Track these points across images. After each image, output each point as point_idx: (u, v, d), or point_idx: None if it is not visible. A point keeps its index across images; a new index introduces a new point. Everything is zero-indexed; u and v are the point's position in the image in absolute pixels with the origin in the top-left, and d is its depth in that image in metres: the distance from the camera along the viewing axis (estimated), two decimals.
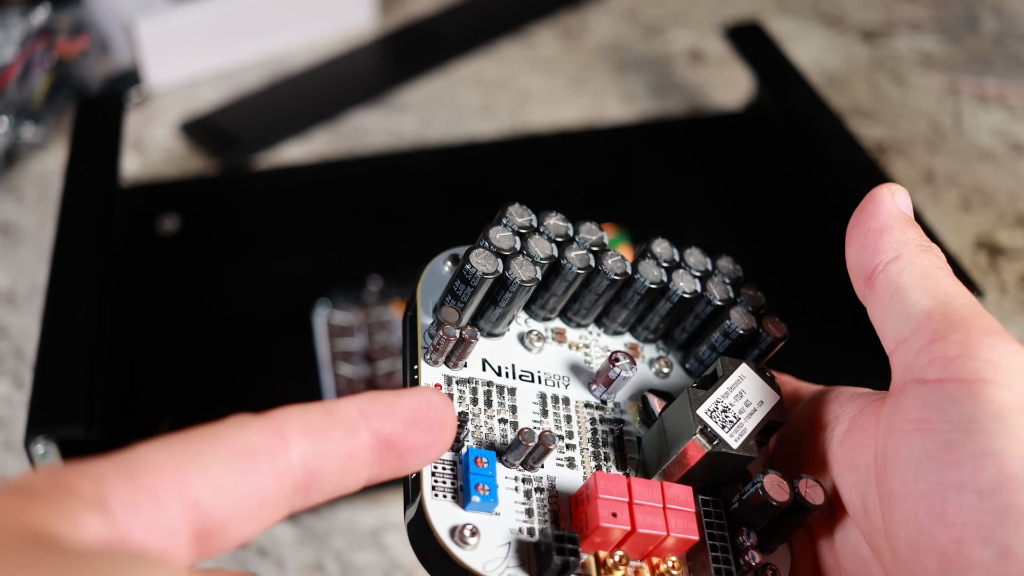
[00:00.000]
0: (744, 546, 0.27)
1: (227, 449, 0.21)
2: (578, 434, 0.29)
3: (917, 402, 0.24)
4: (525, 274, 0.28)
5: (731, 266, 0.32)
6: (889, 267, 0.27)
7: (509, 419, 0.29)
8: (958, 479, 0.23)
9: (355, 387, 0.50)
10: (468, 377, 0.29)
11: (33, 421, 0.42)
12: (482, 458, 0.26)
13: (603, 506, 0.26)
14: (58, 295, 0.48)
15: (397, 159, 0.67)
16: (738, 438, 0.27)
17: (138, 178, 0.67)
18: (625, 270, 0.30)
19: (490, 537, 0.26)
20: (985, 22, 0.81)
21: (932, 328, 0.25)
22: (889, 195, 0.28)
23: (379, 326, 0.51)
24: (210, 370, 0.54)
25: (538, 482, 0.27)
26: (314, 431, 0.22)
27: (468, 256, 0.28)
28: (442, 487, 0.26)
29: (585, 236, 0.30)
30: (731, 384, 0.28)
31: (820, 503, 0.27)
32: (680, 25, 0.81)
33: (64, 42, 0.71)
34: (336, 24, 0.79)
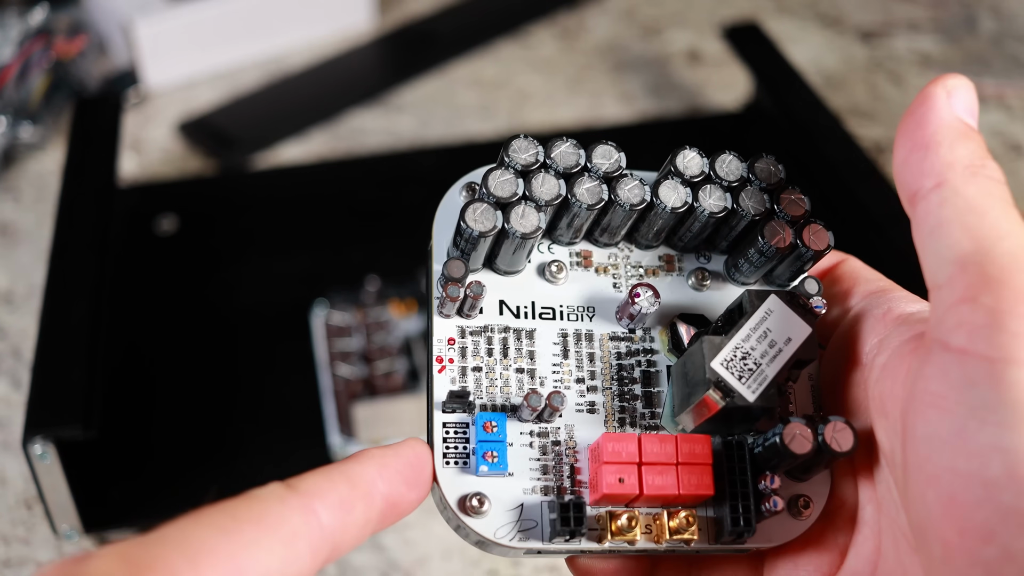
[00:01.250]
0: (766, 491, 0.26)
1: (272, 535, 0.21)
2: (601, 373, 0.28)
3: (938, 371, 0.23)
4: (526, 226, 0.26)
5: (772, 167, 0.29)
6: (930, 196, 0.24)
7: (527, 367, 0.27)
8: (967, 469, 0.22)
9: (353, 387, 0.50)
10: (483, 325, 0.28)
11: (31, 421, 0.42)
12: (491, 423, 0.26)
13: (609, 472, 0.26)
14: (56, 295, 0.48)
15: (395, 159, 0.67)
16: (756, 388, 0.26)
17: (136, 178, 0.67)
18: (643, 197, 0.27)
19: (500, 503, 0.26)
20: (983, 22, 0.81)
21: (965, 283, 0.22)
22: (944, 96, 0.24)
23: (377, 326, 0.51)
24: (208, 370, 0.54)
25: (555, 434, 0.27)
26: (341, 506, 0.23)
27: (463, 213, 0.26)
28: (454, 453, 0.26)
29: (599, 162, 0.27)
30: (755, 324, 0.26)
31: (847, 450, 0.25)
32: (678, 25, 0.81)
33: (62, 42, 0.71)
34: (334, 24, 0.79)
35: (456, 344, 0.27)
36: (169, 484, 0.49)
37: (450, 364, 0.27)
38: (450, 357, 0.27)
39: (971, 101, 0.25)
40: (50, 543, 0.48)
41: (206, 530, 0.21)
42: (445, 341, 0.27)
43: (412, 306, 0.54)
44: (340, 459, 0.49)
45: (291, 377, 0.53)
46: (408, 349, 0.51)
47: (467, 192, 0.29)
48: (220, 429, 0.51)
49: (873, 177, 0.55)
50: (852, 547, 0.27)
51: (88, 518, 0.45)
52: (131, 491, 0.48)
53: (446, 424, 0.26)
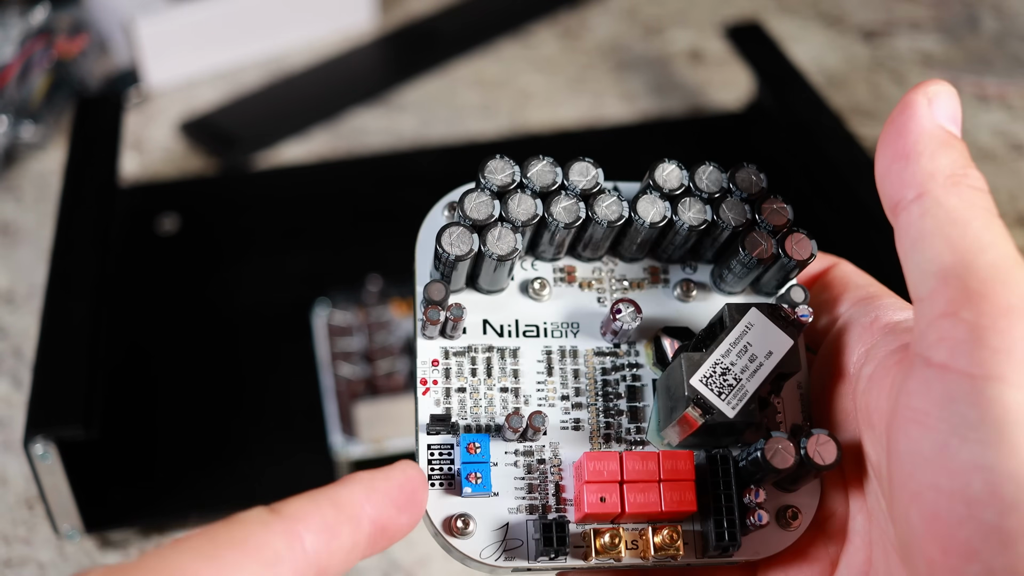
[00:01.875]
0: (751, 505, 0.26)
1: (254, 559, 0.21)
2: (586, 389, 0.28)
3: (920, 387, 0.23)
4: (502, 248, 0.26)
5: (753, 177, 0.28)
6: (911, 207, 0.23)
7: (511, 386, 0.28)
8: (950, 487, 0.22)
9: (354, 387, 0.50)
10: (467, 346, 0.28)
11: (32, 421, 0.42)
12: (475, 444, 0.26)
13: (590, 491, 0.26)
14: (57, 295, 0.48)
15: (396, 159, 0.67)
16: (736, 404, 0.26)
17: (137, 178, 0.67)
18: (621, 214, 0.27)
19: (485, 523, 0.26)
20: (985, 22, 0.81)
21: (946, 296, 0.22)
22: (925, 103, 0.24)
23: (379, 326, 0.51)
24: (209, 370, 0.54)
25: (540, 452, 0.27)
26: (327, 530, 0.22)
27: (439, 237, 0.26)
28: (439, 474, 0.26)
29: (576, 180, 0.27)
30: (735, 338, 0.26)
31: (830, 463, 0.25)
32: (680, 25, 0.81)
33: (63, 42, 0.71)
34: (335, 24, 0.79)
35: (440, 365, 0.28)
36: (170, 484, 0.49)
37: (434, 386, 0.28)
38: (434, 379, 0.28)
39: (953, 107, 0.24)
40: (51, 543, 0.48)
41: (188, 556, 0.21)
42: (429, 363, 0.28)
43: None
44: (341, 459, 0.49)
45: (293, 377, 0.53)
46: (410, 349, 0.51)
47: (449, 212, 0.29)
48: (221, 429, 0.51)
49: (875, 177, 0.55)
50: (843, 558, 0.27)
51: (89, 518, 0.45)
52: (132, 491, 0.48)
53: (430, 446, 0.27)
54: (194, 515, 0.48)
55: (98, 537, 0.48)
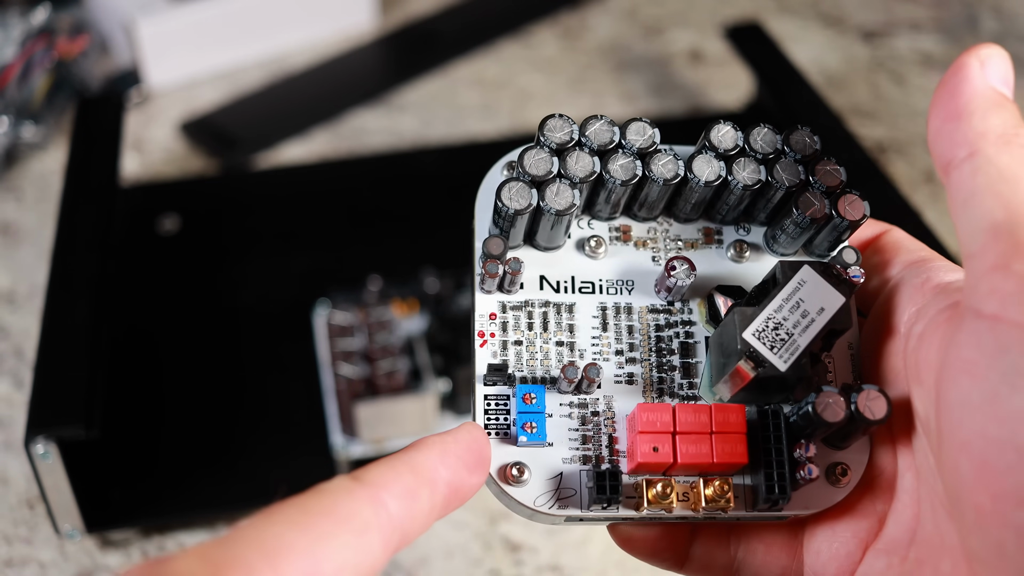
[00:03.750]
0: (802, 459, 0.26)
1: (345, 527, 0.22)
2: (640, 345, 0.28)
3: (971, 338, 0.23)
4: (561, 203, 0.27)
5: (807, 139, 0.29)
6: (963, 165, 0.24)
7: (566, 340, 0.28)
8: (999, 435, 0.22)
9: (355, 387, 0.50)
10: (524, 300, 0.28)
11: (33, 421, 0.42)
12: (530, 394, 0.27)
13: (644, 441, 0.26)
14: (58, 295, 0.48)
15: (397, 159, 0.67)
16: (788, 358, 0.26)
17: (138, 178, 0.67)
18: (677, 172, 0.28)
19: (540, 472, 0.27)
20: (985, 22, 0.81)
21: (997, 250, 0.22)
22: (977, 66, 0.24)
23: (379, 326, 0.51)
24: (211, 370, 0.54)
25: (594, 405, 0.27)
26: (408, 495, 0.23)
27: (499, 192, 0.27)
28: (495, 424, 0.27)
29: (633, 139, 0.28)
30: (787, 294, 0.27)
31: (880, 418, 0.25)
32: (680, 25, 0.81)
33: (64, 42, 0.71)
34: (336, 24, 0.79)
35: (497, 319, 0.28)
36: (171, 483, 0.49)
37: (491, 338, 0.28)
38: (491, 332, 0.28)
39: (1005, 70, 0.24)
40: (52, 543, 0.48)
41: (281, 527, 0.21)
42: (487, 316, 0.28)
43: (414, 306, 0.54)
44: (341, 458, 0.49)
45: (293, 377, 0.53)
46: (410, 349, 0.51)
47: (508, 171, 0.29)
48: (222, 428, 0.51)
49: (874, 177, 0.55)
50: (891, 514, 0.27)
51: (90, 518, 0.45)
52: (133, 491, 0.48)
53: (487, 396, 0.27)
54: (195, 515, 0.48)
55: (99, 537, 0.48)
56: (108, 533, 0.47)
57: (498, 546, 0.48)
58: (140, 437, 0.51)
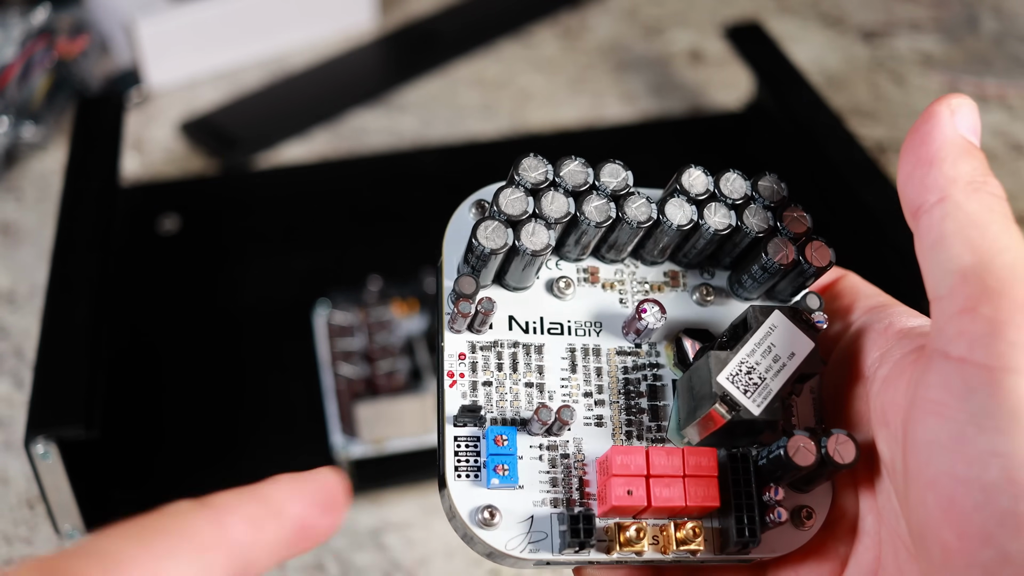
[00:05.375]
0: (771, 502, 0.27)
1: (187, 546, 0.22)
2: (608, 387, 0.28)
3: (938, 380, 0.23)
4: (536, 243, 0.27)
5: (775, 185, 0.29)
6: (933, 210, 0.24)
7: (535, 381, 0.28)
8: (966, 475, 0.22)
9: (355, 387, 0.50)
10: (493, 340, 0.28)
11: (33, 421, 0.42)
12: (501, 436, 0.27)
13: (618, 484, 0.26)
14: (58, 295, 0.48)
15: (397, 159, 0.67)
16: (761, 402, 0.26)
17: (138, 178, 0.67)
18: (650, 215, 0.28)
19: (511, 514, 0.26)
20: (985, 22, 0.81)
21: (965, 294, 0.23)
22: (948, 114, 0.25)
23: (379, 326, 0.51)
24: (210, 370, 0.54)
25: (564, 447, 0.27)
26: (252, 522, 0.23)
27: (475, 230, 0.27)
28: (465, 466, 0.27)
29: (607, 181, 0.28)
30: (759, 339, 0.27)
31: (850, 462, 0.26)
32: (680, 25, 0.81)
33: (64, 42, 0.71)
34: (336, 24, 0.79)
35: (467, 359, 0.28)
36: (171, 483, 0.49)
37: (460, 379, 0.28)
38: (461, 372, 0.28)
39: (974, 120, 0.25)
40: (52, 543, 0.48)
41: (123, 542, 0.21)
42: (456, 356, 0.28)
43: (414, 305, 0.54)
44: (341, 458, 0.50)
45: (294, 377, 0.53)
46: (410, 349, 0.51)
47: (476, 209, 0.29)
48: (223, 428, 0.51)
49: (875, 177, 0.55)
50: (852, 556, 0.28)
51: (90, 518, 0.45)
52: (133, 490, 0.48)
53: (457, 438, 0.27)
54: None
55: None
56: None
57: None
58: (140, 437, 0.51)
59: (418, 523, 0.48)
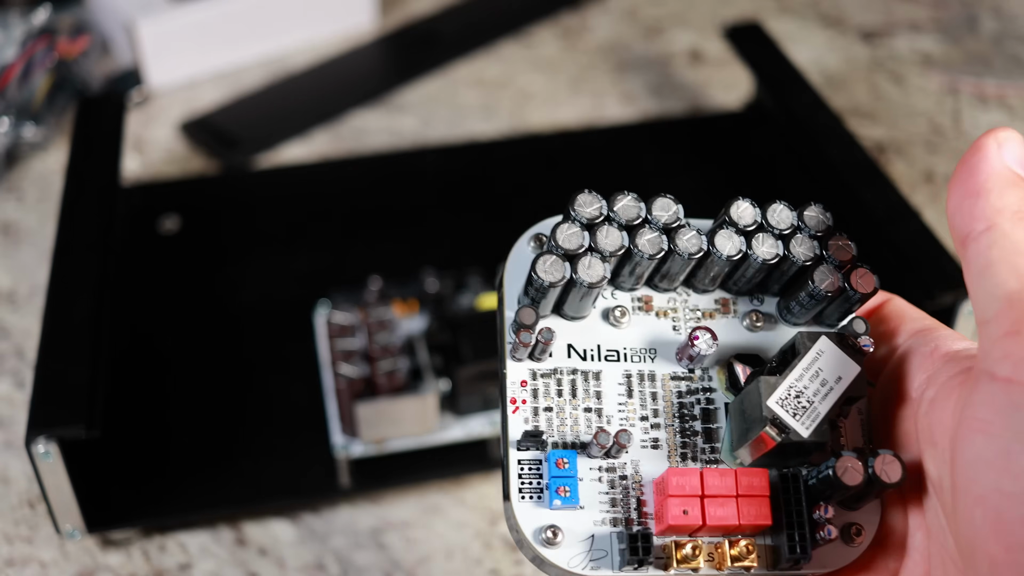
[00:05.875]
0: (821, 520, 0.28)
1: None
2: (663, 411, 0.30)
3: (985, 399, 0.24)
4: (592, 276, 0.28)
5: (820, 215, 0.30)
6: (980, 238, 0.25)
7: (594, 406, 0.29)
8: (1012, 489, 0.23)
9: (355, 387, 0.50)
10: (553, 368, 0.30)
11: (34, 421, 0.42)
12: (563, 459, 0.28)
13: (674, 504, 0.27)
14: (59, 295, 0.48)
15: (397, 159, 0.67)
16: (810, 425, 0.27)
17: (139, 178, 0.67)
18: (701, 247, 0.29)
19: (573, 533, 0.28)
20: (984, 23, 0.81)
21: (1012, 317, 0.24)
22: (995, 147, 0.26)
23: (379, 326, 0.51)
24: (211, 370, 0.54)
25: (622, 469, 0.29)
26: None
27: (534, 265, 0.28)
28: (528, 488, 0.28)
29: (658, 215, 0.29)
30: (807, 364, 0.28)
31: (896, 481, 0.27)
32: (680, 25, 0.81)
33: (65, 42, 0.71)
34: (336, 24, 0.79)
35: (528, 386, 0.29)
36: (172, 483, 0.49)
37: (523, 405, 0.29)
38: (523, 398, 0.29)
39: (1021, 152, 0.26)
40: (53, 542, 0.48)
41: None
42: (518, 383, 0.29)
43: (414, 306, 0.54)
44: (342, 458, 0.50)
45: (294, 377, 0.53)
46: (411, 349, 0.51)
47: (534, 243, 0.31)
48: (223, 428, 0.51)
49: (874, 177, 0.55)
50: (902, 572, 0.29)
51: (91, 517, 0.46)
52: (134, 490, 0.48)
53: (521, 461, 0.28)
54: (196, 515, 0.48)
55: (100, 537, 0.48)
56: (109, 533, 0.47)
57: (498, 546, 0.48)
58: (141, 437, 0.51)
59: (418, 523, 0.49)
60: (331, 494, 0.49)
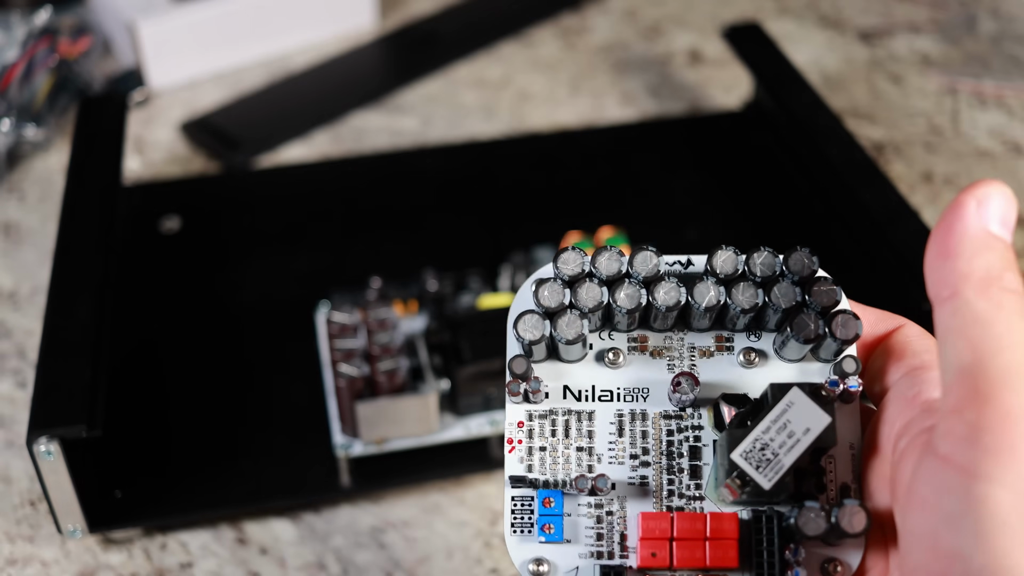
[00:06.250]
0: (790, 561, 0.29)
1: None
2: (653, 449, 0.31)
3: (926, 475, 0.25)
4: (570, 333, 0.29)
5: (805, 260, 0.30)
6: (945, 305, 0.25)
7: (585, 445, 0.31)
8: (936, 570, 0.24)
9: (355, 387, 0.50)
10: (549, 409, 0.31)
11: (35, 421, 0.42)
12: (550, 499, 0.30)
13: (644, 547, 0.29)
14: (60, 294, 0.48)
15: (397, 159, 0.67)
16: (772, 477, 0.28)
17: (139, 178, 0.67)
18: (679, 299, 0.30)
19: (558, 566, 0.30)
20: (983, 23, 0.81)
21: (957, 394, 0.24)
22: (974, 206, 0.24)
23: (379, 326, 0.51)
24: (212, 369, 0.54)
25: (609, 505, 0.30)
26: None
27: (515, 324, 0.30)
28: (520, 523, 0.30)
29: (639, 269, 0.30)
30: (775, 416, 0.29)
31: (860, 531, 0.27)
32: (679, 26, 0.82)
33: (66, 43, 0.71)
34: (337, 25, 0.79)
35: (524, 427, 0.31)
36: (173, 483, 0.49)
37: (519, 445, 0.31)
38: (519, 439, 0.31)
39: (1003, 209, 0.25)
40: (55, 541, 0.48)
41: None
42: (515, 424, 0.31)
43: (414, 306, 0.54)
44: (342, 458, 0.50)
45: (295, 376, 0.53)
46: (411, 349, 0.52)
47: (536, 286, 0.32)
48: (224, 427, 0.51)
49: (873, 177, 0.56)
50: None
51: (93, 517, 0.46)
52: (136, 489, 0.48)
53: (514, 498, 0.30)
54: (197, 514, 0.48)
55: (101, 536, 0.48)
56: (111, 532, 0.48)
57: (498, 545, 0.48)
58: (142, 436, 0.51)
59: (418, 522, 0.49)
60: (332, 494, 0.49)
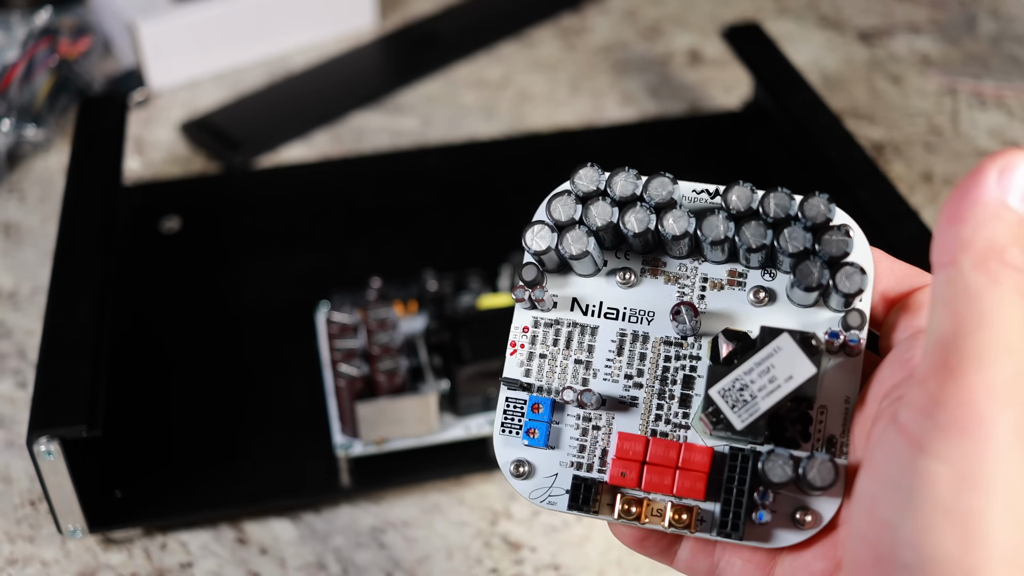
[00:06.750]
0: (757, 503, 0.29)
1: None
2: (648, 372, 0.31)
3: (883, 440, 0.25)
4: (575, 248, 0.29)
5: (822, 206, 0.29)
6: (941, 271, 0.24)
7: (584, 359, 0.31)
8: (870, 535, 0.24)
9: (355, 387, 0.50)
10: (555, 319, 0.31)
11: (36, 421, 0.42)
12: (539, 404, 0.30)
13: (615, 465, 0.29)
14: (61, 295, 0.48)
15: (398, 159, 0.67)
16: (745, 418, 0.28)
17: (140, 178, 0.67)
18: (686, 229, 0.29)
19: (541, 469, 0.30)
20: (983, 24, 0.81)
21: (929, 365, 0.23)
22: (995, 174, 0.23)
23: (379, 326, 0.51)
24: (213, 369, 0.54)
25: (597, 419, 0.31)
26: None
27: (524, 232, 0.30)
28: (510, 424, 0.31)
29: (653, 194, 0.30)
30: (760, 359, 0.28)
31: (827, 484, 0.27)
32: (679, 26, 0.82)
33: (66, 43, 0.71)
34: (337, 25, 0.79)
35: (529, 332, 0.31)
36: (174, 482, 0.49)
37: (521, 349, 0.31)
38: (522, 343, 0.31)
39: None
40: (55, 541, 0.48)
41: None
42: (520, 328, 0.31)
43: (414, 307, 0.54)
44: (342, 458, 0.50)
45: (296, 376, 0.53)
46: (411, 349, 0.52)
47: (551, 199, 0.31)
48: (225, 427, 0.51)
49: (873, 177, 0.56)
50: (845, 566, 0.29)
51: (93, 517, 0.46)
52: (136, 490, 0.48)
53: (508, 399, 0.31)
54: (197, 514, 0.48)
55: (102, 536, 0.48)
56: (111, 532, 0.48)
57: (498, 545, 0.48)
58: (143, 436, 0.51)
59: (418, 522, 0.49)
60: (332, 493, 0.49)
